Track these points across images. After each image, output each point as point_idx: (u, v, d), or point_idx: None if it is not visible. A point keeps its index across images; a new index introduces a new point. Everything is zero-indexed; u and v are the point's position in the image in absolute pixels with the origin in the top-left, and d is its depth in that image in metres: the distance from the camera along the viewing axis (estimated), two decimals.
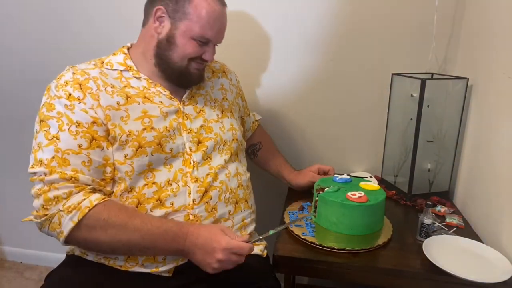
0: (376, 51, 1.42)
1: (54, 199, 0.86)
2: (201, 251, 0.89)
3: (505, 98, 1.04)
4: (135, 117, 0.97)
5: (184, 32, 0.98)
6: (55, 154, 0.88)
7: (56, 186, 0.86)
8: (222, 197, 1.03)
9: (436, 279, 0.90)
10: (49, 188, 0.86)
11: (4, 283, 1.81)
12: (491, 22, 1.16)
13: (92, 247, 0.92)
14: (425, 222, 1.03)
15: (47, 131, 0.90)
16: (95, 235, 0.87)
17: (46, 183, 0.87)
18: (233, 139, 1.12)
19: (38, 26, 1.58)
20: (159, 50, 1.01)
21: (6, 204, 1.89)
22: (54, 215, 0.86)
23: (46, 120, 0.91)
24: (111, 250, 0.91)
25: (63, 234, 0.86)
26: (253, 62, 1.50)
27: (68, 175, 0.87)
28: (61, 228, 0.86)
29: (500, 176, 1.05)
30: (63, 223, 0.85)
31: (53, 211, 0.86)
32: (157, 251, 0.92)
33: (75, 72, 0.96)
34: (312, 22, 1.43)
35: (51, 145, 0.89)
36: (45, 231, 0.89)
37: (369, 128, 1.50)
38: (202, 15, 0.97)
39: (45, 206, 0.86)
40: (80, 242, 0.90)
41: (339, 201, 1.03)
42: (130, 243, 0.88)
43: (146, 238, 0.89)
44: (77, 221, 0.85)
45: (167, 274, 0.97)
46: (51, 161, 0.88)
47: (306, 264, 0.96)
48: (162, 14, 0.99)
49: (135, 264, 0.95)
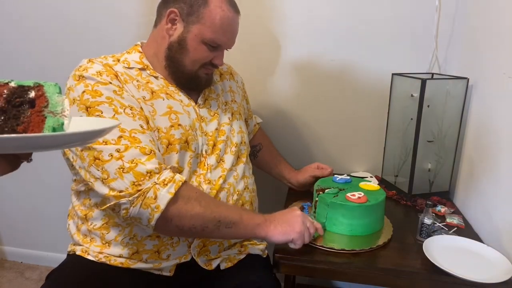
0: (376, 51, 1.42)
1: (147, 174, 0.83)
2: (282, 219, 0.95)
3: (505, 98, 1.04)
4: (162, 113, 0.96)
5: (196, 36, 0.97)
6: (122, 134, 0.84)
7: (142, 160, 0.83)
8: (230, 199, 1.03)
9: (436, 279, 0.90)
10: (135, 164, 0.82)
11: (4, 283, 1.81)
12: (491, 22, 1.16)
13: (185, 223, 0.87)
14: (425, 222, 1.03)
15: (100, 115, 0.86)
16: (191, 206, 0.86)
17: (126, 159, 0.82)
18: (242, 141, 1.12)
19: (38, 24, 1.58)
20: (170, 53, 1.00)
21: (6, 204, 1.89)
22: (149, 189, 0.82)
23: (94, 106, 0.87)
24: (202, 226, 0.88)
25: (160, 209, 0.82)
26: (253, 64, 1.50)
27: (147, 149, 0.85)
28: (157, 202, 0.82)
29: (500, 176, 1.05)
30: (160, 196, 0.82)
31: (147, 185, 0.82)
32: (241, 227, 0.91)
33: (102, 64, 0.94)
34: (312, 22, 1.43)
35: None
36: (135, 211, 0.83)
37: (369, 128, 1.50)
38: (216, 20, 0.96)
39: (137, 182, 0.82)
40: (174, 217, 0.85)
41: (339, 201, 1.03)
42: (221, 216, 0.89)
43: (233, 210, 0.93)
44: (174, 193, 0.83)
45: (168, 273, 0.97)
46: (119, 139, 0.84)
47: (306, 264, 0.96)
48: (176, 17, 0.98)
49: (138, 260, 0.95)
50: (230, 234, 0.93)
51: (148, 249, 0.95)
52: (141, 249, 0.95)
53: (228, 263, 1.03)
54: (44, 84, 0.54)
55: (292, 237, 0.92)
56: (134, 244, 0.95)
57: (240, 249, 1.07)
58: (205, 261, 1.00)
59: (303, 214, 0.96)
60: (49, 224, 1.86)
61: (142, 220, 0.84)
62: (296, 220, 0.94)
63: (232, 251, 1.05)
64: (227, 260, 1.03)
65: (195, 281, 1.00)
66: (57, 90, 0.54)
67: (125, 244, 0.95)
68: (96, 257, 0.96)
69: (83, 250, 0.97)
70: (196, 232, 0.90)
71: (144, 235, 0.94)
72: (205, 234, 0.92)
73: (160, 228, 0.87)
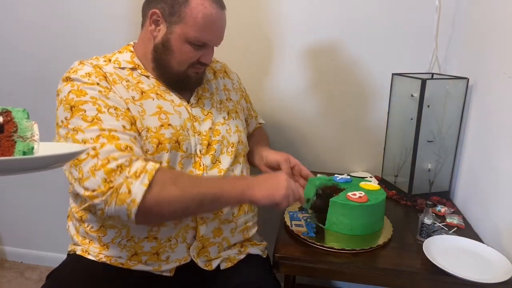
0: (376, 51, 1.42)
1: (118, 168, 0.81)
2: (266, 181, 0.94)
3: (505, 98, 1.04)
4: (151, 113, 0.95)
5: (179, 36, 0.95)
6: (101, 133, 0.84)
7: (115, 156, 0.82)
8: None
9: (436, 279, 0.90)
10: (107, 161, 0.81)
11: (4, 283, 1.81)
12: (491, 22, 1.16)
13: (165, 210, 0.85)
14: (426, 222, 1.03)
15: (83, 115, 0.86)
16: (167, 191, 0.84)
17: (101, 157, 0.81)
18: (239, 141, 1.10)
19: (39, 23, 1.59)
20: (156, 55, 0.99)
21: (6, 204, 1.89)
22: (122, 185, 0.80)
23: (78, 105, 0.86)
24: (184, 208, 0.87)
25: (136, 202, 0.80)
26: (253, 64, 1.50)
27: (122, 145, 0.84)
28: (131, 196, 0.80)
29: (500, 176, 1.05)
30: (133, 189, 0.80)
31: (119, 180, 0.81)
32: (225, 199, 0.90)
33: (93, 65, 0.94)
34: (313, 22, 1.43)
35: (94, 126, 0.84)
36: (110, 209, 0.81)
37: (369, 128, 1.50)
38: (198, 18, 0.94)
39: (108, 179, 0.81)
40: (152, 207, 0.83)
41: (339, 201, 1.03)
42: (200, 193, 0.87)
43: (212, 184, 0.91)
44: (148, 183, 0.81)
45: (168, 273, 0.97)
46: (97, 138, 0.83)
47: (306, 264, 0.96)
48: (158, 18, 0.96)
49: (138, 262, 0.95)
50: (215, 208, 0.93)
51: (147, 251, 0.95)
52: (140, 251, 0.95)
53: (228, 263, 1.03)
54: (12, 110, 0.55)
55: (277, 200, 0.91)
56: (131, 246, 0.94)
57: (240, 249, 1.07)
58: (205, 262, 1.00)
59: (287, 177, 0.95)
60: (49, 224, 1.86)
61: (121, 217, 0.82)
62: (281, 183, 0.93)
63: (232, 251, 1.05)
64: (227, 260, 1.03)
65: (196, 281, 1.00)
66: (26, 116, 0.56)
67: (123, 246, 0.95)
68: (97, 256, 0.96)
69: (84, 250, 0.98)
70: (178, 215, 0.90)
71: (141, 236, 0.94)
72: (189, 214, 0.92)
73: (142, 221, 0.85)
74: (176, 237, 0.96)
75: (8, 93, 1.70)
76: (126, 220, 0.83)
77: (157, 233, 0.95)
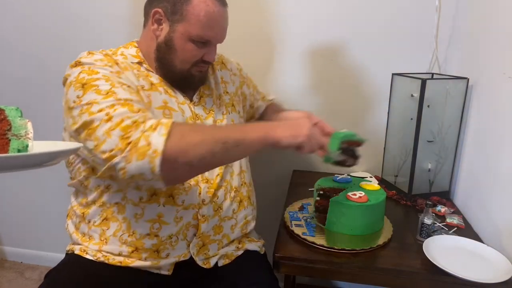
0: (376, 51, 1.42)
1: (133, 124, 0.79)
2: (289, 123, 0.90)
3: (505, 98, 1.04)
4: (157, 106, 0.95)
5: (182, 35, 0.95)
6: (117, 101, 0.82)
7: (129, 115, 0.80)
8: (228, 196, 1.03)
9: (436, 279, 0.90)
10: (121, 120, 0.79)
11: (4, 283, 1.81)
12: (491, 22, 1.16)
13: (191, 155, 0.80)
14: (426, 222, 1.03)
15: (97, 89, 0.83)
16: (189, 137, 0.80)
17: (114, 119, 0.79)
18: None
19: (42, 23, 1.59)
20: (159, 54, 0.98)
21: (6, 204, 1.89)
22: (139, 139, 0.77)
23: (90, 82, 0.85)
24: (210, 152, 0.81)
25: (158, 152, 0.76)
26: (253, 65, 1.49)
27: (135, 108, 0.82)
28: (151, 147, 0.76)
29: (500, 176, 1.05)
30: (153, 140, 0.76)
31: (136, 135, 0.77)
32: (248, 141, 0.85)
33: (103, 54, 0.93)
34: (313, 22, 1.43)
35: (110, 97, 0.82)
36: (132, 167, 0.77)
37: (369, 128, 1.50)
38: (201, 16, 0.94)
39: (124, 135, 0.77)
40: (177, 155, 0.78)
41: (339, 201, 1.03)
42: (222, 138, 0.82)
43: (233, 129, 0.90)
44: (166, 133, 0.77)
45: (166, 272, 0.97)
46: (112, 106, 0.81)
47: (306, 264, 0.96)
48: (160, 17, 0.96)
49: (137, 259, 0.95)
50: (240, 152, 0.87)
51: (147, 247, 0.95)
52: (140, 247, 0.95)
53: (226, 260, 1.03)
54: (5, 108, 0.55)
55: (300, 140, 0.87)
56: (132, 242, 0.95)
57: (238, 245, 1.07)
58: (203, 259, 1.01)
59: (311, 123, 0.92)
60: (49, 224, 1.86)
61: (145, 174, 0.77)
62: (304, 124, 0.89)
63: (229, 248, 1.05)
64: (225, 257, 1.04)
65: (194, 279, 1.01)
66: (19, 114, 0.56)
67: (124, 240, 0.95)
68: (95, 256, 0.96)
69: (82, 249, 0.98)
70: (207, 162, 0.84)
71: (143, 232, 0.94)
72: (217, 160, 0.86)
73: (168, 173, 0.79)
74: (177, 235, 0.97)
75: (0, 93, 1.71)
76: (150, 178, 0.78)
77: (159, 230, 0.95)
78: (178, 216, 0.96)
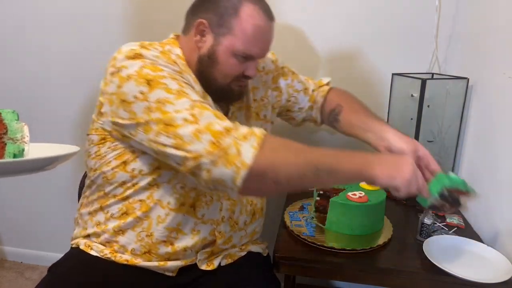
0: (376, 51, 1.42)
1: (225, 130, 0.76)
2: (389, 160, 0.84)
3: (505, 98, 1.04)
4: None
5: (227, 48, 0.91)
6: (193, 103, 0.79)
7: (217, 121, 0.78)
8: (243, 210, 1.03)
9: (436, 279, 0.90)
10: (211, 124, 0.77)
11: (4, 283, 1.81)
12: (491, 22, 1.16)
13: (281, 174, 0.78)
14: (426, 222, 1.03)
15: (166, 88, 0.80)
16: (282, 154, 0.78)
17: (202, 122, 0.77)
18: None
19: None
20: (200, 67, 0.94)
21: (6, 204, 1.89)
22: (230, 145, 0.75)
23: (157, 79, 0.81)
24: (300, 175, 0.78)
25: (246, 165, 0.74)
26: None
27: (219, 113, 0.80)
28: (241, 157, 0.74)
29: (500, 176, 1.05)
30: (243, 151, 0.74)
31: (227, 142, 0.75)
32: (341, 171, 0.80)
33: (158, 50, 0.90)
34: (312, 22, 1.43)
35: (183, 98, 0.80)
36: (217, 171, 0.75)
37: None
38: (248, 30, 0.90)
39: (215, 141, 0.75)
40: (267, 169, 0.77)
41: (339, 201, 1.03)
42: (315, 161, 0.79)
43: (328, 154, 0.82)
44: (258, 146, 0.75)
45: (170, 273, 0.97)
46: (191, 108, 0.78)
47: (306, 264, 0.96)
48: (205, 28, 0.92)
49: (145, 260, 0.95)
50: (331, 180, 0.84)
51: (160, 254, 0.94)
52: (154, 251, 0.94)
53: (229, 260, 1.03)
54: (2, 111, 0.54)
55: (397, 184, 0.80)
56: (147, 244, 0.94)
57: (241, 247, 1.07)
58: (206, 262, 1.01)
59: (414, 164, 0.83)
60: (49, 224, 1.86)
61: (226, 182, 0.76)
62: (406, 165, 0.82)
63: (233, 249, 1.05)
64: (228, 257, 1.03)
65: (196, 278, 1.00)
66: (15, 117, 0.55)
67: (141, 238, 0.93)
68: (101, 252, 0.95)
69: (87, 245, 0.97)
70: (293, 183, 0.80)
71: (160, 237, 0.93)
72: (304, 183, 0.83)
73: (249, 187, 0.77)
74: (192, 248, 0.96)
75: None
76: (229, 187, 0.77)
77: (175, 240, 0.94)
78: (196, 229, 0.96)
